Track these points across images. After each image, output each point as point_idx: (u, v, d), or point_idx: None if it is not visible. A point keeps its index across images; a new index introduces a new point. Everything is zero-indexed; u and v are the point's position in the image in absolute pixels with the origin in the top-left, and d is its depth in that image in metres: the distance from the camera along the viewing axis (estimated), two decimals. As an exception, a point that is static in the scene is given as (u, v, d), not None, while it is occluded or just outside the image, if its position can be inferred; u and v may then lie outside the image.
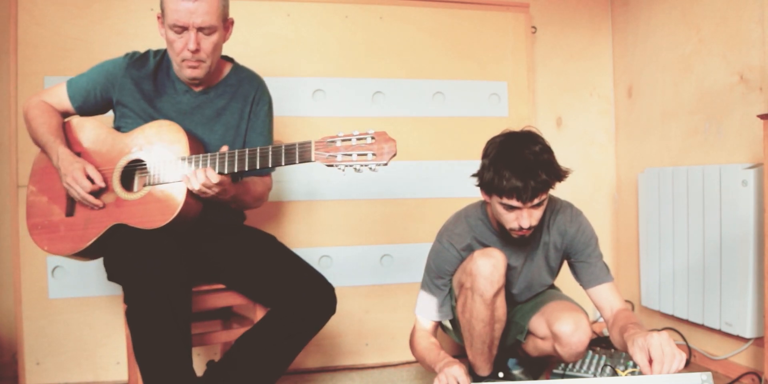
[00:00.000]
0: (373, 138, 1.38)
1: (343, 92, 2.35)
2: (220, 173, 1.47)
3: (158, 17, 1.59)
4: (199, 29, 1.52)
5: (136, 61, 1.66)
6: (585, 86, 2.75)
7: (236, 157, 1.47)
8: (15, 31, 2.07)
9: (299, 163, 1.44)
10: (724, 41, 2.09)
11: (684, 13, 2.28)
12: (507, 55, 2.51)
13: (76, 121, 1.69)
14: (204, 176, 1.44)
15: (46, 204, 1.63)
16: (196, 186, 1.45)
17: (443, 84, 2.44)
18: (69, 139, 1.65)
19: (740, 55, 2.03)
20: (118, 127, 1.66)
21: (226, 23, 1.62)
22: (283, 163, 1.45)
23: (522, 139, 1.55)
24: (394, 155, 1.38)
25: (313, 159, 1.42)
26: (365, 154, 1.38)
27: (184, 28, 1.51)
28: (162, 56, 1.68)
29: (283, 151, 1.44)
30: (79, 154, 1.62)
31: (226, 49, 2.20)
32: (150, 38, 2.15)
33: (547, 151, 1.54)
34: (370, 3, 2.37)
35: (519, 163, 1.49)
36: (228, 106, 1.69)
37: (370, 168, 1.38)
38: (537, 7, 2.65)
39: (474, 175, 1.62)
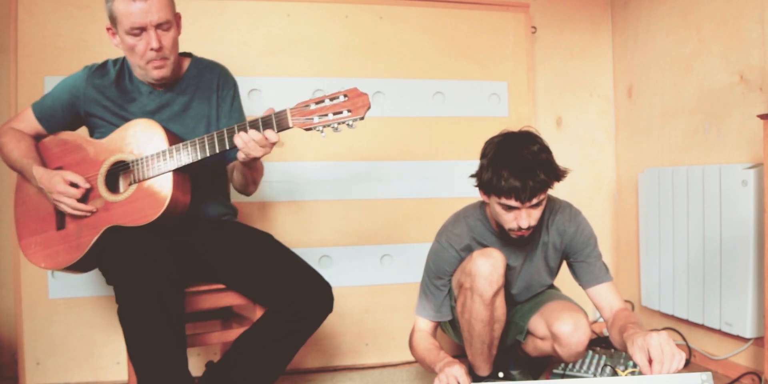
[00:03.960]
0: (345, 96, 1.42)
1: (343, 92, 2.35)
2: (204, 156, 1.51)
3: (108, 29, 1.60)
4: (157, 27, 1.54)
5: (96, 71, 1.68)
6: (585, 86, 2.75)
7: (216, 139, 1.50)
8: (15, 31, 2.08)
9: (278, 131, 1.46)
10: (724, 41, 2.09)
11: (684, 13, 2.28)
12: (507, 55, 2.51)
13: (49, 138, 1.71)
14: (260, 135, 1.45)
15: (35, 223, 1.66)
16: (252, 144, 1.46)
17: (443, 84, 2.44)
18: (45, 158, 1.67)
19: (740, 55, 2.02)
20: (95, 137, 1.68)
21: (176, 18, 1.63)
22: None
23: (520, 139, 1.55)
24: (369, 108, 1.42)
25: (291, 125, 1.45)
26: (341, 112, 1.42)
27: (142, 29, 1.53)
28: (122, 63, 1.70)
29: (260, 123, 1.46)
30: (60, 169, 1.64)
31: (227, 49, 2.21)
32: (150, 38, 2.16)
33: (546, 150, 1.54)
34: (370, 3, 2.37)
35: (517, 163, 1.49)
36: (194, 97, 1.71)
37: (348, 125, 1.42)
38: (537, 7, 2.65)
39: (472, 176, 1.62)
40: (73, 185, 1.55)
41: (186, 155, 1.52)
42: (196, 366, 1.48)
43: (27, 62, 2.09)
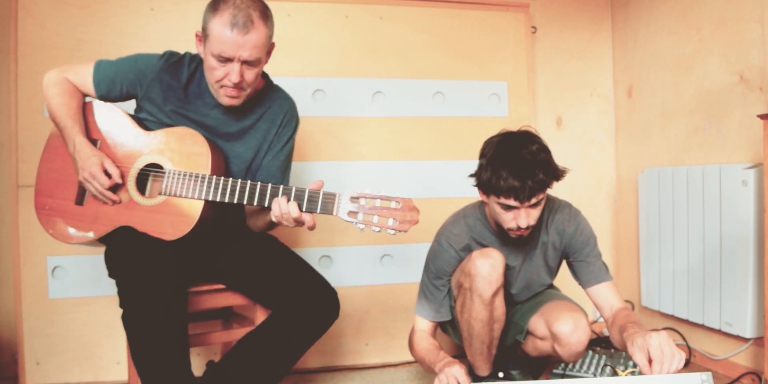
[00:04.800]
0: (398, 202, 1.40)
1: (343, 92, 2.35)
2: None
3: (197, 35, 1.52)
4: (244, 62, 1.46)
5: (171, 65, 1.60)
6: (585, 86, 2.75)
7: (257, 193, 1.46)
8: (15, 31, 2.07)
9: (319, 213, 1.42)
10: (724, 41, 2.09)
11: (684, 13, 2.28)
12: (507, 55, 2.51)
13: (98, 106, 1.63)
14: (298, 213, 1.42)
15: (57, 185, 1.60)
16: (285, 217, 1.43)
17: (443, 84, 2.44)
18: (88, 123, 1.60)
19: (740, 55, 2.02)
20: (137, 122, 1.62)
21: (269, 49, 1.55)
22: (303, 209, 1.43)
23: (519, 139, 1.56)
24: (415, 224, 1.40)
25: (334, 213, 1.41)
26: (386, 220, 1.39)
27: (228, 60, 1.45)
28: (197, 65, 1.61)
29: (306, 196, 1.42)
30: (96, 141, 1.59)
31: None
32: (150, 38, 2.16)
33: (545, 150, 1.54)
34: (370, 3, 2.37)
35: (516, 163, 1.49)
36: (254, 125, 1.65)
37: (388, 232, 1.39)
38: (537, 7, 2.65)
39: (472, 175, 1.62)
40: (107, 174, 1.50)
41: (222, 193, 1.47)
42: (196, 366, 1.48)
43: (27, 62, 2.08)
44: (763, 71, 1.93)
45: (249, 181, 1.47)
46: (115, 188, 1.53)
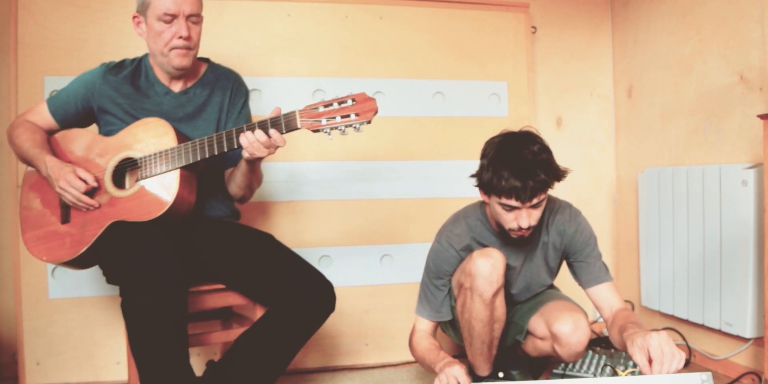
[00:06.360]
0: (353, 100, 1.45)
1: (343, 92, 2.33)
2: (212, 155, 1.53)
3: (134, 17, 1.65)
4: (188, 17, 1.59)
5: (113, 68, 1.70)
6: (585, 86, 2.75)
7: (224, 138, 1.52)
8: (15, 31, 2.08)
9: (286, 132, 1.49)
10: (724, 41, 2.09)
11: (684, 13, 2.28)
12: (507, 55, 2.51)
13: (61, 134, 1.72)
14: (266, 137, 1.49)
15: (40, 216, 1.66)
16: (258, 145, 1.50)
17: (443, 84, 2.44)
18: (56, 153, 1.68)
19: (740, 55, 2.02)
20: (105, 134, 1.68)
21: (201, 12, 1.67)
22: (270, 135, 1.49)
23: (520, 139, 1.56)
24: (376, 112, 1.45)
25: (299, 126, 1.48)
26: (348, 116, 1.45)
27: (174, 17, 1.57)
28: (139, 62, 1.73)
29: (269, 123, 1.49)
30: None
31: (227, 49, 2.22)
32: (150, 38, 2.16)
33: (546, 150, 1.54)
34: (370, 3, 2.37)
35: (518, 163, 1.49)
36: (208, 101, 1.73)
37: (355, 128, 1.45)
38: (537, 7, 2.65)
39: (473, 176, 1.62)
40: (82, 180, 1.56)
41: (193, 153, 1.53)
42: (196, 366, 1.48)
43: (27, 62, 2.09)
44: (763, 71, 1.93)
45: (214, 134, 1.54)
46: (92, 194, 1.58)
